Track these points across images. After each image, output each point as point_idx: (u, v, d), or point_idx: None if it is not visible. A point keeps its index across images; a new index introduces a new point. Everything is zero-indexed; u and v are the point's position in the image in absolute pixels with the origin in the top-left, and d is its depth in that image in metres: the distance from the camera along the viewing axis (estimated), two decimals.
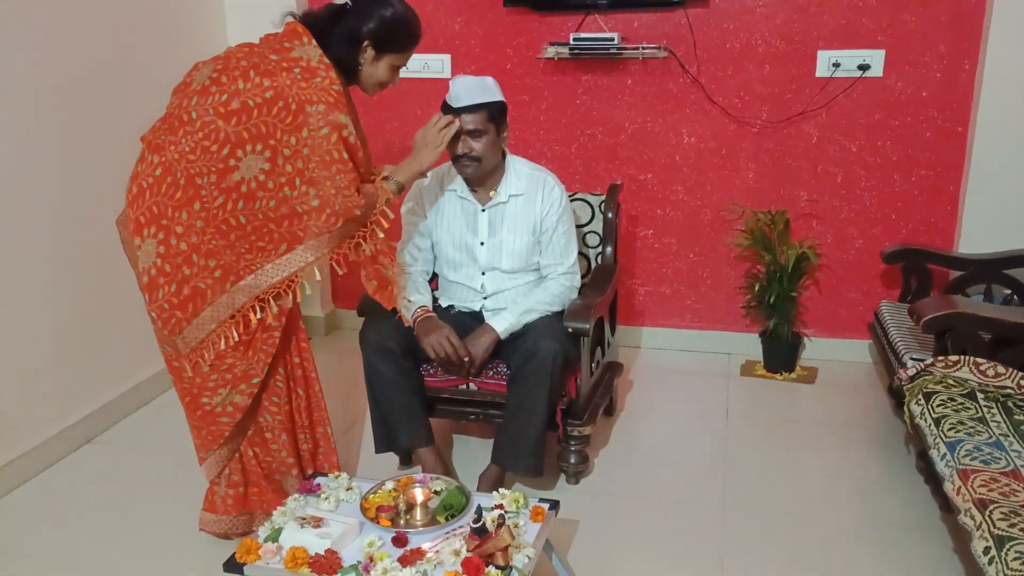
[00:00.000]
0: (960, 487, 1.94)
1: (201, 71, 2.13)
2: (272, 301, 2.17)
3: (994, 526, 1.75)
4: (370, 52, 2.19)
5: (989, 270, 3.11)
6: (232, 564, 1.85)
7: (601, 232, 2.97)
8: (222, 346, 2.15)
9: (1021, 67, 3.04)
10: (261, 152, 2.06)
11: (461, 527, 1.92)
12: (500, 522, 1.82)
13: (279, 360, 2.29)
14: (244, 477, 2.33)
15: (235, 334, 2.15)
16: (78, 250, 2.91)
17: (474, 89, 2.43)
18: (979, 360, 2.35)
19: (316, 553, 1.81)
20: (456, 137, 2.44)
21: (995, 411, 2.25)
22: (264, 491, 2.34)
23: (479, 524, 1.79)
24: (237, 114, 2.04)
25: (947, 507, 2.25)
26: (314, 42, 2.13)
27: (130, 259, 2.19)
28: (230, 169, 2.06)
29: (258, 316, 2.16)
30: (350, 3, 2.17)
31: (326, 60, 2.13)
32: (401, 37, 2.23)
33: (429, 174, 2.63)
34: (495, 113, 2.46)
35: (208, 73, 2.10)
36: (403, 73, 3.84)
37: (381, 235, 2.23)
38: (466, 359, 2.45)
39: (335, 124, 2.08)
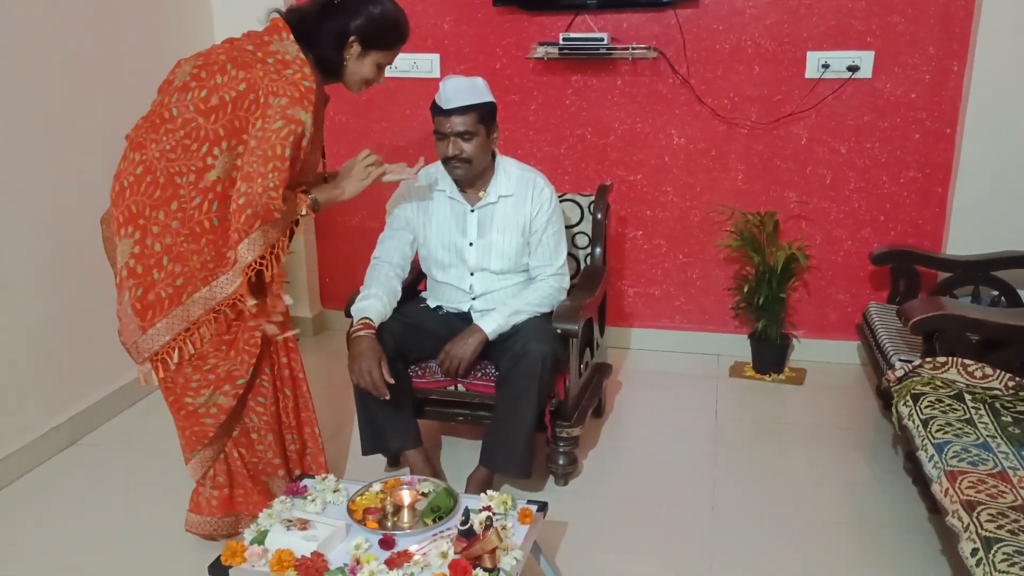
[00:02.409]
0: (948, 488, 1.94)
1: (183, 67, 2.10)
2: (228, 311, 2.13)
3: (981, 528, 1.75)
4: (356, 48, 2.16)
5: (977, 272, 3.12)
6: (217, 567, 1.83)
7: (590, 233, 2.96)
8: (174, 361, 2.11)
9: (1009, 69, 3.05)
10: (235, 148, 2.04)
11: (449, 529, 1.91)
12: (488, 524, 1.81)
13: (265, 360, 2.27)
14: (229, 479, 2.31)
15: (191, 347, 2.11)
16: (63, 250, 2.88)
17: (464, 90, 2.41)
18: (967, 362, 2.36)
19: (302, 556, 1.79)
20: (445, 138, 2.44)
21: (983, 413, 2.25)
22: (250, 493, 2.32)
23: (467, 526, 1.78)
24: (216, 110, 2.02)
25: (935, 508, 2.25)
26: (292, 37, 2.10)
27: (109, 258, 2.17)
28: (208, 168, 2.04)
29: (212, 328, 2.12)
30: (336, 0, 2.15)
31: (303, 56, 2.09)
32: (389, 35, 2.20)
33: (419, 174, 2.63)
34: (485, 114, 2.45)
35: (189, 70, 2.08)
36: (392, 73, 3.83)
37: (291, 251, 2.17)
38: (385, 397, 2.38)
39: (291, 119, 2.02)
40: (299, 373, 2.37)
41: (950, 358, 2.38)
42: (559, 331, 2.49)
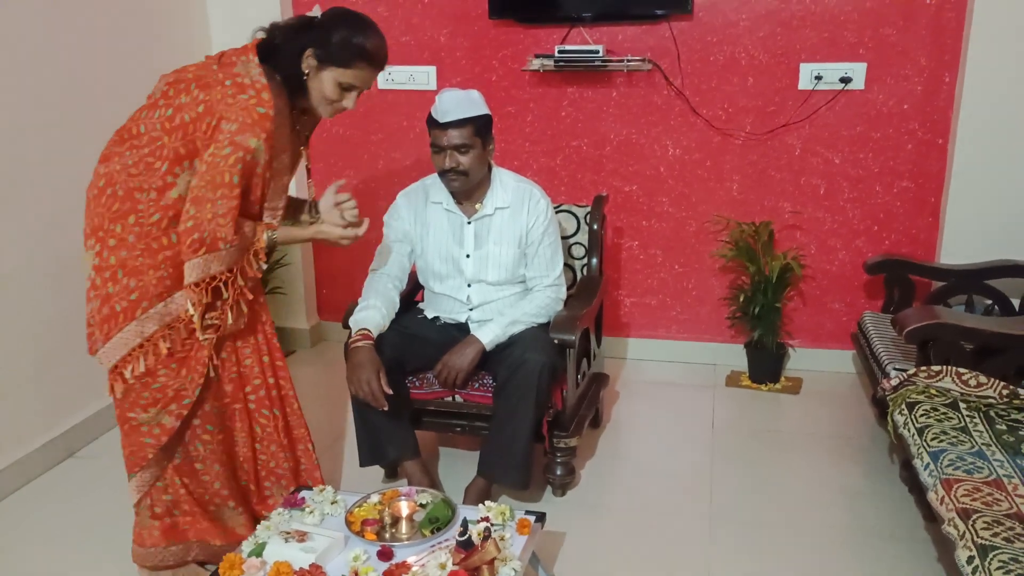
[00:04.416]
0: (944, 496, 1.95)
1: (159, 84, 2.10)
2: (183, 328, 2.09)
3: (977, 535, 1.76)
4: (312, 61, 2.06)
5: (970, 281, 3.13)
6: None
7: (587, 243, 2.98)
8: (128, 375, 2.08)
9: (1000, 80, 3.07)
10: (191, 168, 2.02)
11: (447, 540, 1.91)
12: (486, 535, 1.82)
13: (209, 391, 2.18)
14: (170, 508, 2.22)
15: (142, 363, 2.07)
16: (61, 260, 2.89)
17: (460, 103, 2.43)
18: (961, 370, 2.37)
19: (300, 568, 1.80)
20: (442, 151, 2.45)
21: (977, 421, 2.26)
22: (198, 519, 2.24)
23: (465, 537, 1.79)
24: (178, 129, 2.00)
25: (931, 516, 2.26)
26: (255, 59, 2.03)
27: None
28: (168, 186, 2.02)
29: (167, 345, 2.07)
30: (319, 17, 2.10)
31: (263, 80, 2.01)
32: (346, 51, 2.06)
33: (416, 186, 2.66)
34: (481, 127, 2.46)
35: (161, 86, 2.07)
36: (389, 85, 3.84)
37: (241, 283, 2.08)
38: (384, 408, 2.37)
39: (240, 145, 1.96)
40: (288, 391, 2.33)
41: (944, 367, 2.40)
42: (556, 341, 2.50)
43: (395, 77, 3.66)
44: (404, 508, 2.02)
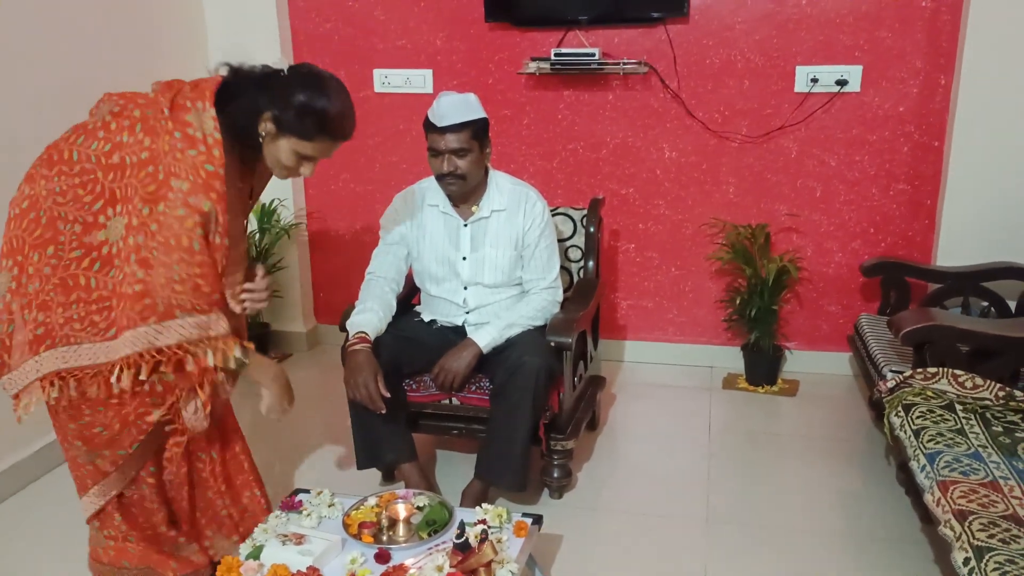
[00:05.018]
0: (940, 498, 1.95)
1: (101, 108, 1.94)
2: (73, 383, 1.89)
3: (973, 537, 1.76)
4: (270, 126, 1.91)
5: (967, 283, 3.14)
6: None
7: (583, 246, 2.98)
8: (19, 414, 1.93)
9: (996, 82, 3.08)
10: (120, 214, 1.85)
11: (444, 543, 1.91)
12: (483, 537, 1.82)
13: (155, 443, 2.05)
14: (126, 533, 2.11)
15: (34, 399, 1.91)
16: None
17: (458, 107, 2.43)
18: (957, 372, 2.38)
19: (298, 570, 1.80)
20: (440, 155, 2.45)
21: (973, 422, 2.27)
22: (148, 550, 2.12)
23: (462, 539, 1.79)
24: (116, 169, 1.84)
25: (927, 518, 2.26)
26: (211, 110, 1.86)
27: None
28: (98, 226, 1.86)
29: (54, 394, 1.90)
30: (285, 72, 1.94)
31: (216, 135, 1.85)
32: (308, 122, 1.91)
33: (413, 189, 2.66)
34: (479, 131, 2.47)
35: (104, 113, 1.92)
36: (385, 88, 3.83)
37: (190, 368, 1.87)
38: (382, 411, 2.37)
39: (195, 208, 1.81)
40: (231, 428, 2.19)
41: (940, 369, 2.40)
42: (553, 344, 2.50)
43: (391, 81, 3.66)
44: (401, 511, 2.03)
